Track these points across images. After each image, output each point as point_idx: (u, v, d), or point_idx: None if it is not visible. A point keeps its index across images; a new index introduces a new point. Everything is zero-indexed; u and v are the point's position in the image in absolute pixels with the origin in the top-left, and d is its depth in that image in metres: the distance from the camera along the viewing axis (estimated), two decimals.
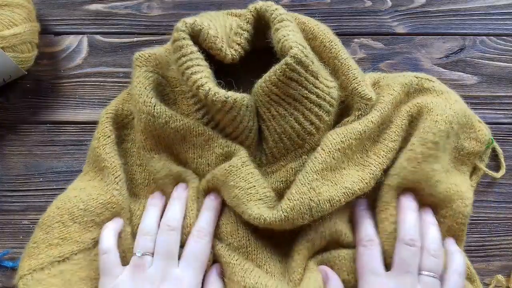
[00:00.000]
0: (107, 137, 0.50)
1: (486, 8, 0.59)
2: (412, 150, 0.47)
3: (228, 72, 0.49)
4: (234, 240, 0.48)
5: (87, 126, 0.55)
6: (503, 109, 0.56)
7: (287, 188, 0.48)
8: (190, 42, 0.45)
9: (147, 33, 0.58)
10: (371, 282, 0.45)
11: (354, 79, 0.48)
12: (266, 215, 0.45)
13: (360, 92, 0.48)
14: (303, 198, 0.45)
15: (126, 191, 0.49)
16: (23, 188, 0.55)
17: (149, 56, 0.51)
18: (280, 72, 0.44)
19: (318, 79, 0.47)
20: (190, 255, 0.46)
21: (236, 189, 0.46)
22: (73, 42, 0.58)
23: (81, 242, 0.47)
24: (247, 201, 0.46)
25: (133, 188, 0.52)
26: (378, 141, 0.49)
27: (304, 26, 0.50)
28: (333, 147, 0.46)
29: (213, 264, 0.48)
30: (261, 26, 0.48)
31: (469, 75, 0.57)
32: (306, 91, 0.46)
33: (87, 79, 0.57)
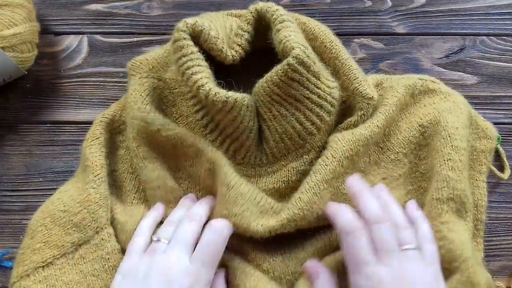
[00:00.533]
0: (96, 138, 0.51)
1: (486, 8, 0.59)
2: (452, 160, 0.46)
3: (228, 73, 0.49)
4: (233, 240, 0.47)
5: (87, 126, 0.55)
6: (503, 109, 0.56)
7: (288, 188, 0.49)
8: (191, 43, 0.45)
9: (147, 33, 0.58)
10: (363, 272, 0.42)
11: (355, 79, 0.48)
12: (272, 226, 0.45)
13: (361, 92, 0.48)
14: (313, 207, 0.46)
15: (106, 190, 0.49)
16: (23, 188, 0.55)
17: (141, 62, 0.51)
18: (282, 72, 0.44)
19: (320, 80, 0.47)
20: (203, 248, 0.45)
21: (232, 217, 0.45)
22: (73, 42, 0.58)
23: (61, 246, 0.47)
24: (247, 224, 0.45)
25: (122, 195, 0.52)
26: (382, 148, 0.50)
27: (304, 27, 0.50)
28: (342, 155, 0.47)
29: (221, 268, 0.47)
30: (262, 27, 0.48)
31: (469, 75, 0.57)
32: (307, 92, 0.46)
33: (87, 79, 0.57)
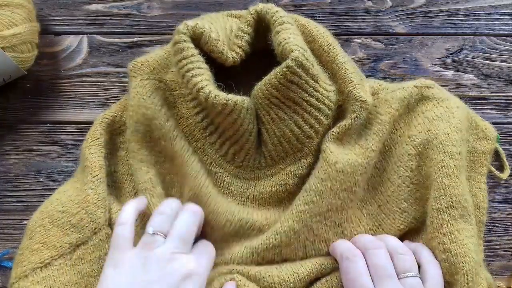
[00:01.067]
0: (96, 139, 0.51)
1: (486, 8, 0.59)
2: (446, 167, 0.47)
3: (228, 74, 0.49)
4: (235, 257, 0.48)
5: (87, 126, 0.55)
6: (503, 109, 0.56)
7: (285, 192, 0.49)
8: (191, 45, 0.45)
9: (147, 33, 0.58)
10: None
11: (350, 83, 0.48)
12: (255, 247, 0.47)
13: (355, 95, 0.47)
14: (301, 237, 0.47)
15: (105, 191, 0.49)
16: (23, 188, 0.55)
17: (142, 64, 0.51)
18: (281, 75, 0.44)
19: (318, 83, 0.47)
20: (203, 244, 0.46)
21: (218, 243, 0.48)
22: (73, 42, 0.58)
23: (59, 247, 0.47)
24: (233, 245, 0.48)
25: (121, 196, 0.52)
26: (380, 170, 0.50)
27: (303, 29, 0.50)
28: (340, 187, 0.47)
29: (229, 282, 0.46)
30: (261, 28, 0.48)
31: (469, 75, 0.57)
32: (306, 94, 0.46)
33: (87, 79, 0.57)
